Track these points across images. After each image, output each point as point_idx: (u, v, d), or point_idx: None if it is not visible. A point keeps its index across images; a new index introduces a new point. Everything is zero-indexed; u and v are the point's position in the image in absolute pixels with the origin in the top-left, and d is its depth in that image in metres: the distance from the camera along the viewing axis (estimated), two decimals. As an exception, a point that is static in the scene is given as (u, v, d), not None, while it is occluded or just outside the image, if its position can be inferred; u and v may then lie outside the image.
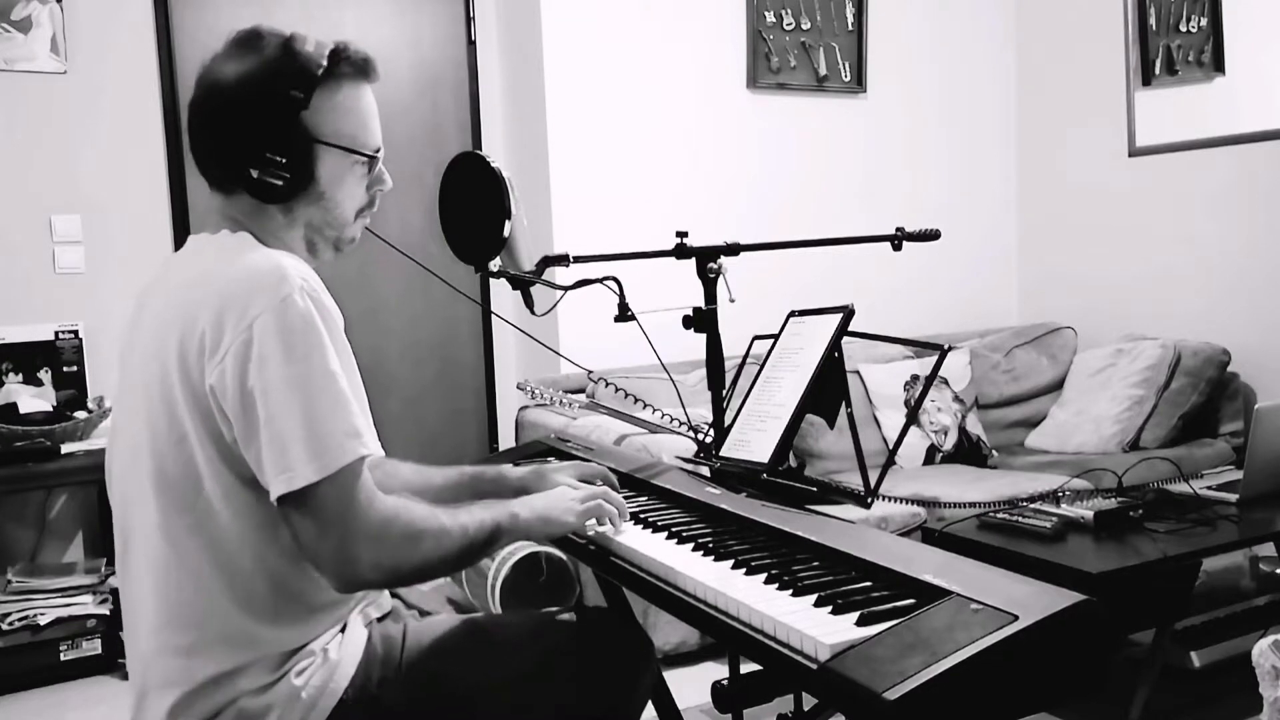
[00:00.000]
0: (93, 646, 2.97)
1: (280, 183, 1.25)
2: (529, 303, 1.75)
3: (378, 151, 1.34)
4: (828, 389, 1.59)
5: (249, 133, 1.23)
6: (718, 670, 2.77)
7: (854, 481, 1.55)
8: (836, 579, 1.17)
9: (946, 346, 1.55)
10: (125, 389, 1.29)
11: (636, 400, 2.07)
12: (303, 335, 1.15)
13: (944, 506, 2.89)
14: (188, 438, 1.18)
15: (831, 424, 1.59)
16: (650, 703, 1.64)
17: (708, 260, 1.78)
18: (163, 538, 1.20)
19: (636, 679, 1.46)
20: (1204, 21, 3.78)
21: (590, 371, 2.50)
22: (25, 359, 3.17)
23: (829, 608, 1.09)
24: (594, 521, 1.44)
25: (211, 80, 1.26)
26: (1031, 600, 0.99)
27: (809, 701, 1.80)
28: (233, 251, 1.23)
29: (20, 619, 2.90)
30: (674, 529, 1.43)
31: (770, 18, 3.94)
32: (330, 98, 1.27)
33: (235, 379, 1.14)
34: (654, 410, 2.07)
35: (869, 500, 1.48)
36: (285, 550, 1.21)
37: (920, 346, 1.66)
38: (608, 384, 2.15)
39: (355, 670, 1.28)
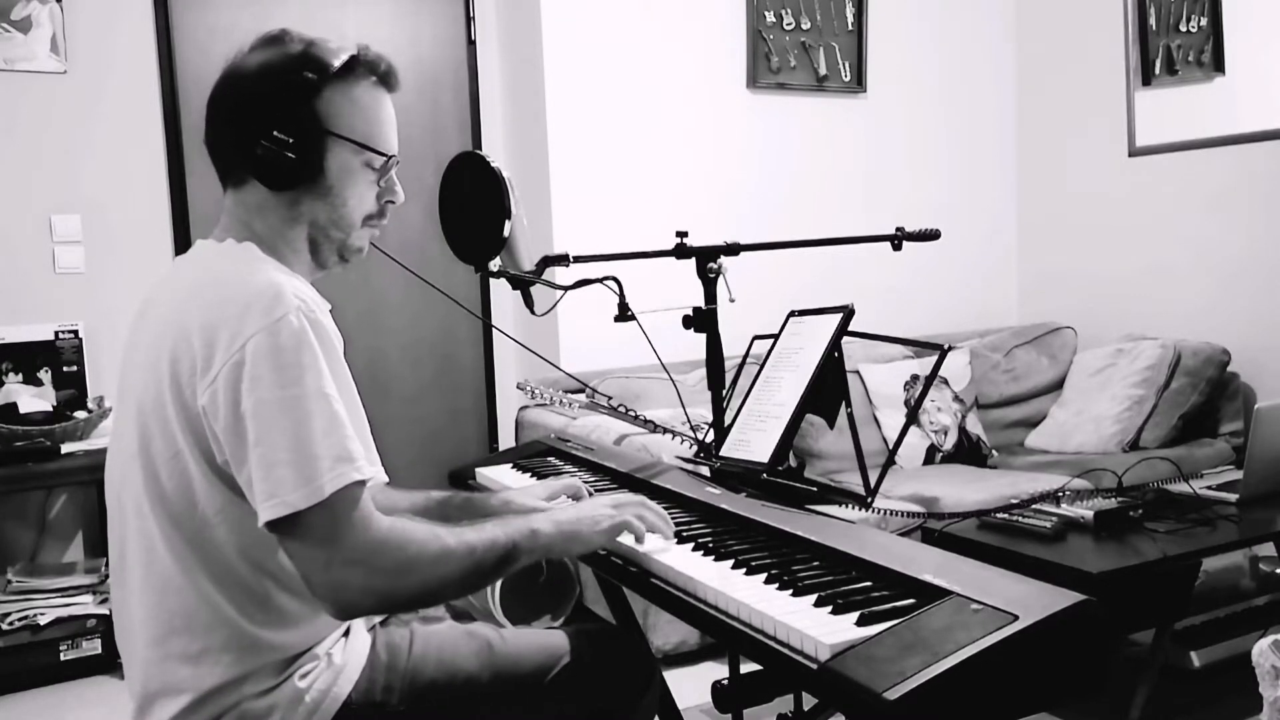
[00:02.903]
0: (93, 646, 2.97)
1: (285, 162, 1.24)
2: (529, 303, 1.75)
3: (391, 157, 1.33)
4: (828, 389, 1.58)
5: (260, 112, 1.24)
6: (718, 670, 2.77)
7: (854, 481, 1.55)
8: (836, 579, 1.17)
9: (946, 346, 1.55)
10: (123, 397, 1.29)
11: (637, 416, 2.08)
12: (295, 356, 1.13)
13: (944, 508, 2.89)
14: (182, 454, 1.17)
15: (831, 424, 1.59)
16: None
17: (708, 260, 1.78)
18: (162, 548, 1.20)
19: (640, 694, 1.46)
20: (1204, 21, 3.78)
21: (596, 392, 2.49)
22: (25, 359, 3.17)
23: (829, 608, 1.08)
24: (628, 538, 1.37)
25: (233, 71, 1.28)
26: (1031, 600, 0.99)
27: (809, 701, 1.81)
28: (234, 264, 1.22)
29: (20, 619, 2.90)
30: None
31: (770, 18, 3.94)
32: (346, 92, 1.28)
33: (227, 401, 1.12)
34: (650, 425, 2.08)
35: (869, 500, 1.48)
36: (284, 558, 1.20)
37: (920, 346, 1.66)
38: (608, 400, 2.15)
39: (359, 675, 1.28)
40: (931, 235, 2.03)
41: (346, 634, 1.32)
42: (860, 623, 1.03)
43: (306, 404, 1.12)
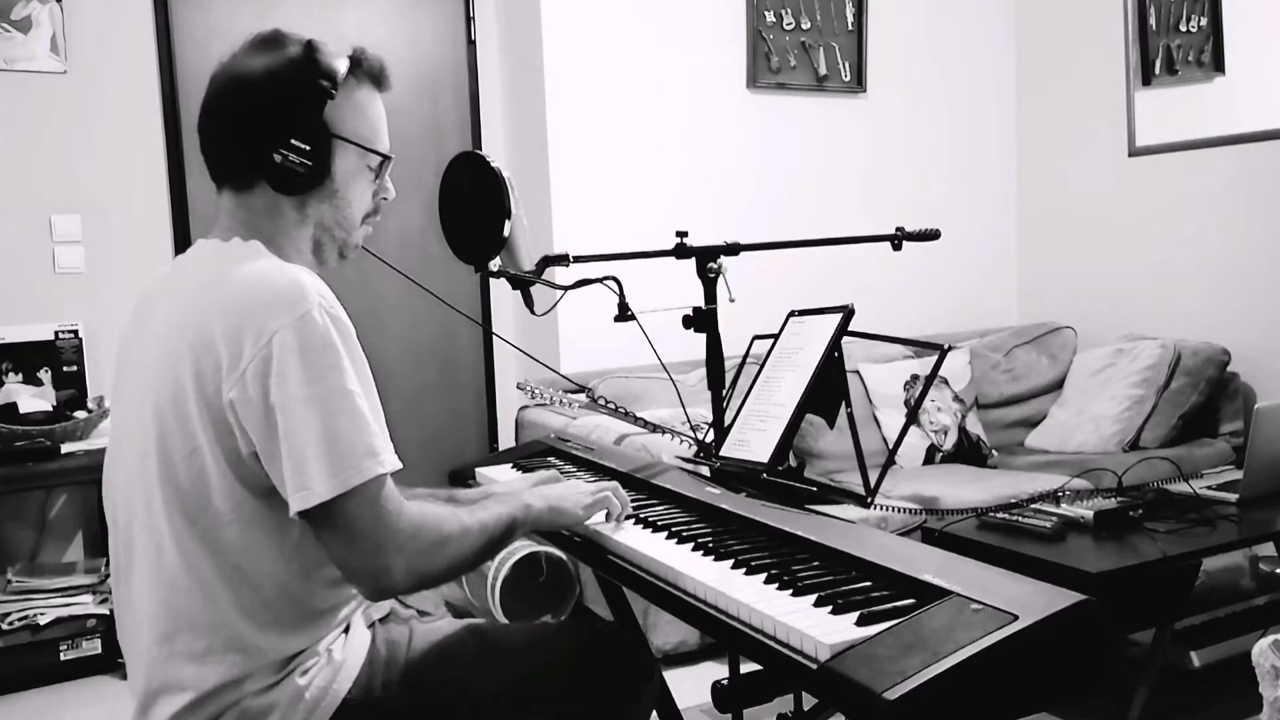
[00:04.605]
0: (93, 646, 2.97)
1: (301, 170, 1.26)
2: (529, 303, 1.75)
3: (389, 157, 1.37)
4: (828, 389, 1.58)
5: (275, 120, 1.25)
6: (718, 670, 2.77)
7: (854, 481, 1.55)
8: (836, 579, 1.17)
9: (946, 346, 1.55)
10: (129, 396, 1.29)
11: (637, 419, 2.08)
12: (321, 353, 1.16)
13: (944, 508, 2.89)
14: (200, 450, 1.18)
15: (831, 424, 1.59)
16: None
17: (708, 260, 1.78)
18: (170, 546, 1.20)
19: (639, 692, 1.46)
20: (1204, 21, 3.78)
21: (597, 394, 2.49)
22: (25, 359, 3.17)
23: (829, 608, 1.08)
24: (599, 515, 1.47)
25: (234, 74, 1.28)
26: (1031, 600, 0.99)
27: (809, 701, 1.81)
28: (245, 261, 1.23)
29: (20, 619, 2.90)
30: (674, 529, 1.43)
31: (770, 18, 3.94)
32: (349, 97, 1.31)
33: (257, 394, 1.15)
34: (650, 426, 2.08)
35: (869, 500, 1.48)
36: (291, 558, 1.22)
37: (920, 346, 1.66)
38: (606, 402, 2.15)
39: (359, 672, 1.29)
40: (931, 235, 2.03)
41: (346, 631, 1.32)
42: (860, 623, 1.03)
43: (333, 401, 1.15)
